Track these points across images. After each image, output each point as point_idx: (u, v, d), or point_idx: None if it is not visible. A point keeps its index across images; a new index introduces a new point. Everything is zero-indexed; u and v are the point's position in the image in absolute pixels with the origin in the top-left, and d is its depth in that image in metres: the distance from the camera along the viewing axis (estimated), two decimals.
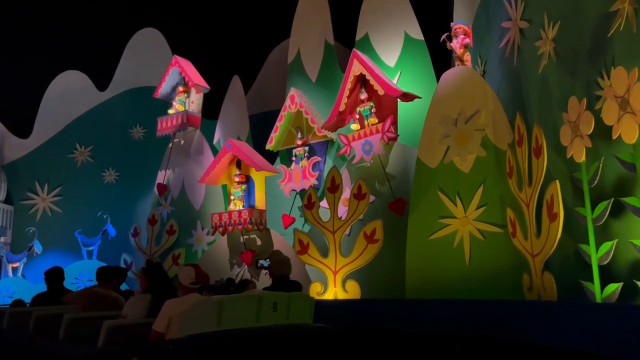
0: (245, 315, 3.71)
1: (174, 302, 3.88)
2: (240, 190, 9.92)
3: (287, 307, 3.96)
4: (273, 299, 3.88)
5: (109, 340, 4.00)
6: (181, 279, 4.11)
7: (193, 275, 4.09)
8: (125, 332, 4.08)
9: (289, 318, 3.94)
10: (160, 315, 3.85)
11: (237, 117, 12.54)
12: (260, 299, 3.81)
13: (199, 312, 3.63)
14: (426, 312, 6.29)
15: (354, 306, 7.15)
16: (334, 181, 7.95)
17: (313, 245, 8.04)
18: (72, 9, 14.78)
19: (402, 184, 8.53)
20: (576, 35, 5.06)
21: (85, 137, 14.13)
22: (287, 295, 4.02)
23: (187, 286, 4.07)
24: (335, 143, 10.52)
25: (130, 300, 4.66)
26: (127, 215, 12.95)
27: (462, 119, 6.86)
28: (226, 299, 3.72)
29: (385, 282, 7.87)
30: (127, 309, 4.52)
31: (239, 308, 3.70)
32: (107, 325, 4.03)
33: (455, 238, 6.68)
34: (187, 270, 4.16)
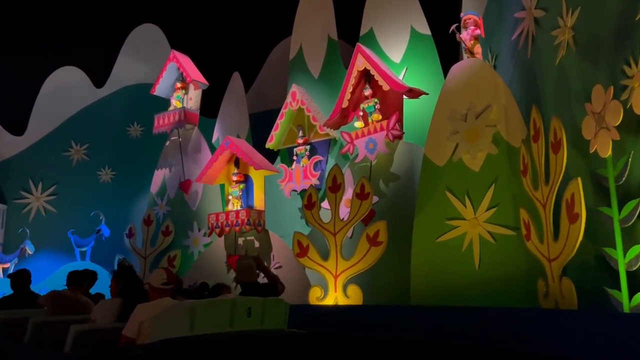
0: (219, 320, 3.61)
1: (145, 307, 3.79)
2: (238, 190, 9.53)
3: (262, 313, 3.87)
4: (247, 304, 3.78)
5: (76, 346, 3.85)
6: (152, 281, 4.04)
7: (164, 276, 4.02)
8: (93, 337, 3.94)
9: (263, 323, 3.86)
10: (131, 320, 3.75)
11: (236, 115, 12.16)
12: (234, 303, 3.70)
13: (170, 316, 3.52)
14: (432, 319, 5.89)
15: (356, 312, 6.73)
16: (336, 180, 7.55)
17: (313, 248, 7.63)
18: (70, 3, 14.44)
19: (408, 184, 8.12)
20: (598, 21, 4.67)
21: (81, 134, 13.75)
22: (261, 300, 3.91)
23: (159, 287, 4.00)
24: (337, 142, 10.12)
25: (100, 304, 4.50)
26: (123, 216, 12.57)
27: (472, 114, 6.46)
28: (199, 304, 3.60)
29: (389, 287, 7.46)
30: (96, 313, 4.38)
31: (212, 313, 3.59)
32: (74, 329, 3.89)
33: (464, 241, 6.29)
34: (157, 272, 4.10)
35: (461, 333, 5.51)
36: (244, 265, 5.13)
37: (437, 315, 5.84)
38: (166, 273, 4.07)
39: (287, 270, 8.69)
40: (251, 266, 5.14)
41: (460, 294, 6.21)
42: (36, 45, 14.11)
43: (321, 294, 7.38)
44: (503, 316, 5.23)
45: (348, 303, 7.10)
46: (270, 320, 3.90)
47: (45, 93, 14.00)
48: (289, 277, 8.64)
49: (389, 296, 7.36)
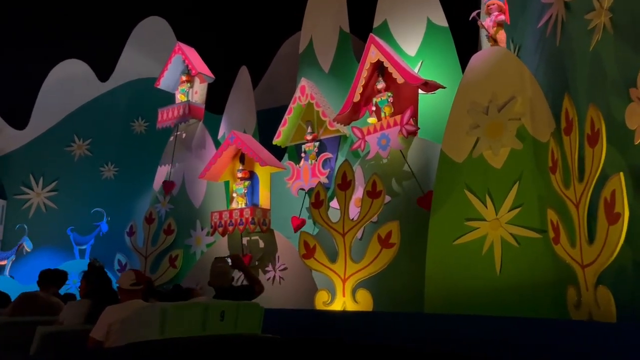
0: (191, 323, 3.53)
1: (115, 308, 3.70)
2: (243, 187, 9.08)
3: (236, 316, 3.80)
4: (221, 308, 3.70)
5: (42, 348, 3.75)
6: (121, 283, 3.93)
7: (133, 277, 3.93)
8: (60, 340, 3.82)
9: (237, 327, 3.79)
10: (100, 321, 3.64)
11: (243, 110, 11.70)
12: (207, 307, 3.63)
13: (141, 319, 3.44)
14: (447, 328, 5.41)
15: (365, 319, 6.23)
16: (346, 177, 7.07)
17: (320, 249, 7.16)
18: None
19: (422, 183, 7.62)
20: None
21: (84, 129, 13.37)
22: (235, 304, 3.85)
23: (129, 289, 3.90)
24: (348, 139, 9.64)
25: (68, 305, 4.35)
26: (125, 213, 12.15)
27: (495, 106, 5.96)
28: (170, 306, 3.50)
29: (401, 292, 6.96)
30: (64, 315, 4.24)
31: (184, 316, 3.52)
32: (40, 331, 3.79)
33: (484, 244, 5.79)
34: (126, 273, 4.02)
35: (479, 345, 5.02)
36: (218, 269, 4.92)
37: (453, 324, 5.37)
38: (135, 274, 3.98)
39: (293, 272, 8.23)
40: (226, 271, 4.94)
41: (479, 301, 5.71)
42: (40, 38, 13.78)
43: (328, 299, 6.91)
44: (527, 327, 4.75)
45: (357, 309, 6.61)
46: (244, 324, 3.81)
47: (48, 86, 13.65)
48: (295, 279, 8.19)
49: (401, 302, 6.87)
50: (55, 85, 13.60)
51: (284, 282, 8.30)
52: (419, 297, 6.33)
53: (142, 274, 4.09)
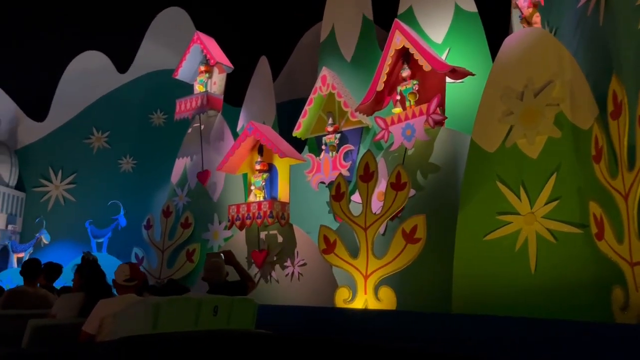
0: (184, 318, 3.52)
1: (108, 302, 3.70)
2: (261, 180, 8.76)
3: (229, 312, 3.78)
4: (214, 303, 3.68)
5: (33, 341, 3.73)
6: (115, 277, 3.92)
7: (127, 272, 3.91)
8: (53, 333, 3.82)
9: (230, 323, 3.78)
10: (92, 315, 3.63)
11: (263, 102, 11.38)
12: (200, 302, 3.60)
13: (133, 313, 3.41)
14: (476, 330, 5.02)
15: (388, 319, 5.86)
16: (368, 168, 6.70)
17: (341, 244, 6.80)
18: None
19: (449, 176, 7.20)
20: None
21: (103, 121, 13.22)
22: (229, 299, 3.83)
23: (121, 284, 3.91)
24: (370, 130, 9.26)
25: (61, 298, 4.30)
26: (143, 207, 11.94)
27: (530, 91, 5.53)
28: (163, 301, 3.47)
29: (427, 291, 6.56)
30: (56, 308, 4.21)
31: (176, 311, 3.50)
32: (31, 324, 3.76)
33: (518, 239, 5.37)
34: (121, 267, 4.00)
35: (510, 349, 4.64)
36: (213, 264, 4.91)
37: (482, 325, 4.97)
38: (130, 269, 3.95)
39: (312, 268, 7.89)
40: (220, 266, 4.92)
41: (512, 302, 5.31)
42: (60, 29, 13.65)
43: (349, 296, 6.55)
44: (565, 331, 4.34)
45: (379, 307, 6.23)
46: (237, 320, 3.79)
47: (67, 78, 13.54)
48: (314, 275, 7.85)
49: (427, 301, 6.47)
50: (74, 77, 13.48)
51: (303, 278, 7.97)
52: (445, 296, 5.94)
53: (137, 269, 4.03)
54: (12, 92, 13.38)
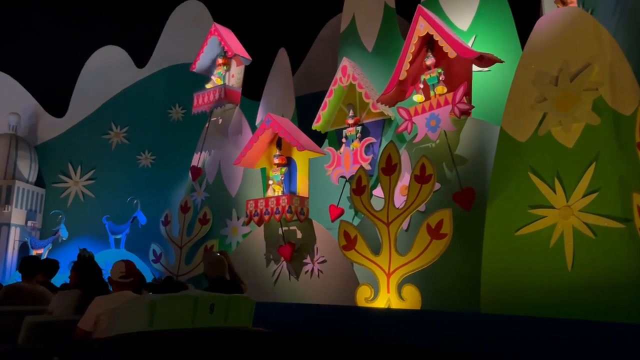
0: (180, 316, 3.50)
1: (104, 299, 3.70)
2: (280, 174, 8.49)
3: (226, 310, 3.76)
4: (210, 300, 3.65)
5: (30, 338, 3.77)
6: (111, 274, 3.91)
7: (123, 269, 3.89)
8: (49, 329, 3.83)
9: (227, 321, 3.75)
10: (88, 312, 3.64)
11: (282, 95, 11.10)
12: (197, 299, 3.57)
13: (129, 310, 3.41)
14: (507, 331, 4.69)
15: (412, 318, 5.54)
16: (390, 160, 6.38)
17: (362, 240, 6.50)
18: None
19: (477, 168, 6.84)
20: None
21: (122, 116, 13.12)
22: (226, 297, 3.80)
23: (117, 281, 3.88)
24: (393, 122, 8.91)
25: (58, 295, 4.31)
26: (162, 203, 11.79)
27: (566, 75, 5.15)
28: (159, 298, 3.45)
29: (454, 289, 6.23)
30: (53, 305, 4.21)
31: (173, 308, 3.48)
32: (28, 321, 3.80)
33: (553, 235, 5.02)
34: (117, 264, 3.96)
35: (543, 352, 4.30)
36: (214, 258, 4.91)
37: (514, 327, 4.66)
38: (125, 266, 3.92)
39: (333, 265, 7.60)
40: (221, 259, 4.91)
41: (546, 301, 4.98)
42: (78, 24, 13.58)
43: (371, 295, 6.24)
44: (604, 333, 4.00)
45: (403, 307, 5.91)
46: (234, 317, 3.78)
47: (86, 73, 13.47)
48: (334, 273, 7.56)
49: (453, 301, 6.14)
50: (93, 73, 13.41)
51: (322, 275, 7.68)
52: (473, 295, 5.62)
53: (133, 266, 4.00)
54: (32, 88, 13.37)
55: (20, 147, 12.04)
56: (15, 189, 11.61)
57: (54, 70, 13.08)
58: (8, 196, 11.52)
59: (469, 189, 6.63)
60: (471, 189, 6.59)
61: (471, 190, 6.58)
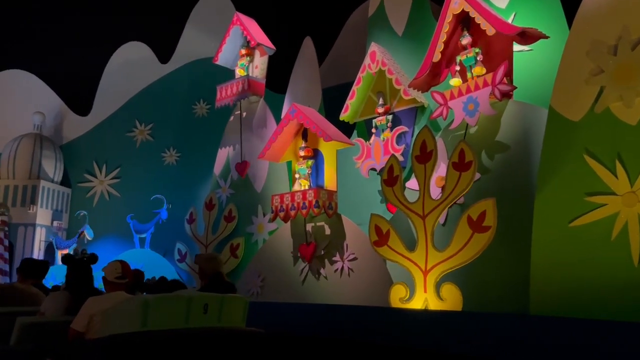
0: (173, 316, 3.48)
1: (97, 300, 3.69)
2: (306, 167, 8.03)
3: (219, 309, 3.72)
4: (204, 300, 3.63)
5: (22, 339, 3.79)
6: (106, 274, 3.88)
7: (119, 269, 3.88)
8: (41, 331, 3.84)
9: (220, 321, 3.73)
10: (81, 313, 3.63)
11: (308, 86, 10.61)
12: (190, 299, 3.55)
13: (122, 311, 3.41)
14: (561, 336, 4.12)
15: (453, 321, 4.99)
16: (425, 147, 5.83)
17: (395, 235, 5.97)
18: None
19: (521, 155, 6.23)
20: None
21: (146, 113, 12.86)
22: (219, 297, 3.78)
23: (113, 281, 3.87)
24: (426, 109, 8.33)
25: (50, 296, 4.28)
26: (188, 200, 11.46)
27: (626, 44, 4.52)
28: (152, 298, 3.44)
29: (499, 288, 5.63)
30: (45, 306, 4.18)
31: (166, 308, 3.46)
32: (20, 322, 3.81)
33: (615, 225, 4.41)
34: (112, 264, 3.95)
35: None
36: (209, 254, 4.95)
37: (570, 331, 4.09)
38: (121, 266, 3.90)
39: (364, 263, 7.09)
40: (216, 255, 4.92)
41: (607, 301, 4.38)
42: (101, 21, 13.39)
43: (406, 294, 5.71)
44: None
45: (442, 308, 5.36)
46: (228, 317, 3.77)
47: (110, 70, 13.29)
48: (366, 271, 7.05)
49: (499, 301, 5.55)
50: (116, 70, 13.22)
51: (353, 274, 7.18)
52: (521, 295, 5.05)
53: (128, 267, 3.96)
54: (57, 87, 13.26)
55: (45, 146, 11.90)
56: (40, 189, 11.47)
57: (78, 68, 12.92)
58: (33, 196, 11.38)
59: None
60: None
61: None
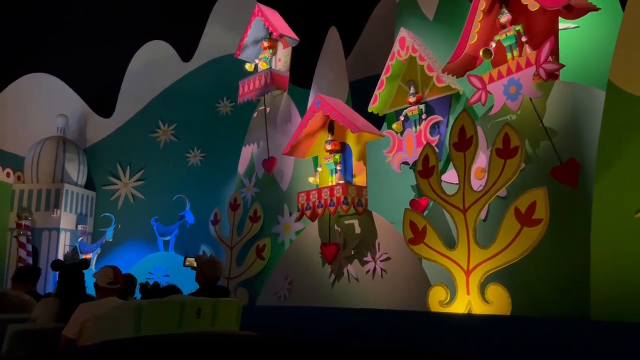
0: (167, 321, 3.42)
1: (89, 306, 3.64)
2: (333, 162, 7.55)
3: (213, 314, 3.71)
4: (197, 305, 3.58)
5: (14, 346, 3.72)
6: (98, 280, 3.83)
7: (111, 275, 3.84)
8: (33, 338, 3.77)
9: (214, 325, 3.71)
10: (72, 319, 3.59)
11: (334, 78, 10.07)
12: (183, 304, 3.50)
13: (115, 316, 3.36)
14: (629, 345, 3.52)
15: (502, 326, 4.42)
16: (464, 133, 5.29)
17: (432, 231, 5.42)
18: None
19: (571, 141, 5.61)
20: None
21: (169, 113, 12.54)
22: (212, 301, 3.73)
23: (105, 287, 3.81)
24: (461, 97, 7.74)
25: (41, 303, 4.20)
26: (213, 201, 11.06)
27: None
28: (145, 303, 3.40)
29: (553, 290, 5.02)
30: (36, 313, 4.12)
31: (159, 313, 3.41)
32: (11, 329, 3.74)
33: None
34: (104, 270, 3.90)
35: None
36: (210, 258, 4.91)
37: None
38: (113, 271, 3.87)
39: (398, 262, 6.56)
40: (216, 259, 4.90)
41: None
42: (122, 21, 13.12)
43: (446, 297, 5.16)
44: None
45: (488, 312, 4.79)
46: (221, 321, 3.77)
47: (132, 71, 13.03)
48: (400, 272, 6.51)
49: (553, 304, 4.93)
50: (138, 70, 12.96)
51: (386, 275, 6.65)
52: (580, 297, 4.44)
53: (119, 273, 3.92)
54: (80, 90, 13.08)
55: (68, 149, 11.70)
56: (64, 193, 11.26)
57: (100, 69, 12.70)
58: (57, 200, 11.18)
59: (572, 160, 5.38)
60: (574, 161, 5.35)
61: (574, 163, 5.34)
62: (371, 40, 12.11)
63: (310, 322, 6.20)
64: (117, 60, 12.98)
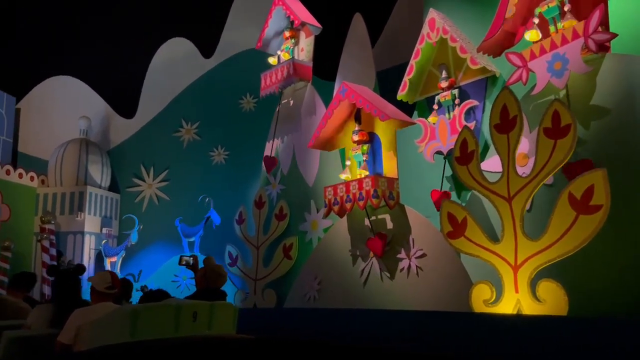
0: (162, 325, 3.39)
1: (84, 311, 3.62)
2: (361, 153, 7.09)
3: (209, 317, 3.67)
4: (193, 309, 3.55)
5: (9, 353, 3.71)
6: (95, 284, 3.79)
7: (109, 280, 3.80)
8: (28, 344, 3.73)
9: (210, 328, 3.66)
10: (67, 325, 3.55)
11: (359, 69, 9.58)
12: (179, 308, 3.46)
13: (110, 321, 3.37)
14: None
15: (557, 329, 3.89)
16: (506, 113, 4.76)
17: (474, 223, 4.91)
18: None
19: (626, 120, 5.02)
20: None
21: (191, 112, 12.23)
22: (209, 305, 3.69)
23: (102, 291, 3.75)
24: (498, 79, 7.16)
25: (35, 309, 4.22)
26: (238, 200, 10.68)
27: None
28: (141, 308, 3.46)
29: (615, 287, 4.45)
30: (31, 319, 4.11)
31: (155, 318, 3.41)
32: (6, 336, 3.72)
33: None
34: (102, 275, 3.92)
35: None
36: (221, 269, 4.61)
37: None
38: (111, 276, 3.87)
39: (435, 259, 6.05)
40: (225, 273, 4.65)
41: None
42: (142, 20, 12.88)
43: (492, 296, 4.64)
44: None
45: (541, 312, 4.25)
46: (218, 324, 3.73)
47: (153, 69, 12.77)
48: (438, 269, 6.00)
49: (615, 303, 4.37)
50: (160, 68, 12.69)
51: (422, 273, 6.15)
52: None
53: (117, 278, 3.90)
54: (102, 91, 12.91)
55: (90, 151, 11.50)
56: (88, 195, 11.07)
57: (121, 70, 12.49)
58: (81, 203, 10.99)
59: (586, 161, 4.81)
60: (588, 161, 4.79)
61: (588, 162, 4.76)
62: (399, 27, 11.57)
63: (341, 325, 5.76)
64: (138, 60, 12.76)
